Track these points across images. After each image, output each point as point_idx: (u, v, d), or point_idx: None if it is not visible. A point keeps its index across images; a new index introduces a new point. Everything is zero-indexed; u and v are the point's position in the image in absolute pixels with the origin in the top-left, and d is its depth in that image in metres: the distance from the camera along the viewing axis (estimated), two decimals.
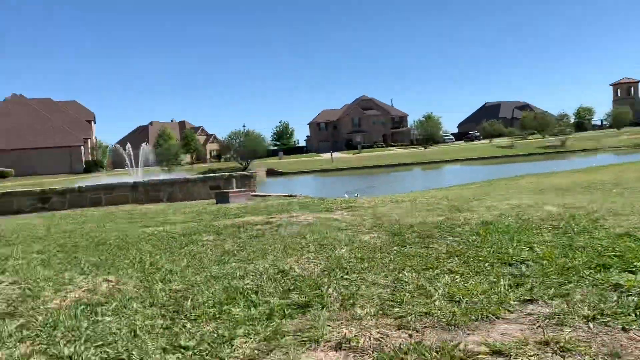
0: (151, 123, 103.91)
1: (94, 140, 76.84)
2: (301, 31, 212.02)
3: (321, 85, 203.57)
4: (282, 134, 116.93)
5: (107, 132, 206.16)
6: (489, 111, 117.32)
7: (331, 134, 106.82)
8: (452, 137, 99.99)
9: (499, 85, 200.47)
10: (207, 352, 2.43)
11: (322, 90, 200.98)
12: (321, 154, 79.72)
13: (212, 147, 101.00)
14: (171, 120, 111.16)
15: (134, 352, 2.47)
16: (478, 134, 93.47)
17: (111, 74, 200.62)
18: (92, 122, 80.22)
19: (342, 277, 3.67)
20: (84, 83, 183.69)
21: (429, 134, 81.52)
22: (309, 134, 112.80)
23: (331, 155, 65.45)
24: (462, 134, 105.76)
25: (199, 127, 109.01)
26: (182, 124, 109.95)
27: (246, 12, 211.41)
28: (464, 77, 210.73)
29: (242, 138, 57.88)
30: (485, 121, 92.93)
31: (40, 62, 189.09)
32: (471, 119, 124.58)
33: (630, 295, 2.80)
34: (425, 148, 77.49)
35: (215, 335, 2.63)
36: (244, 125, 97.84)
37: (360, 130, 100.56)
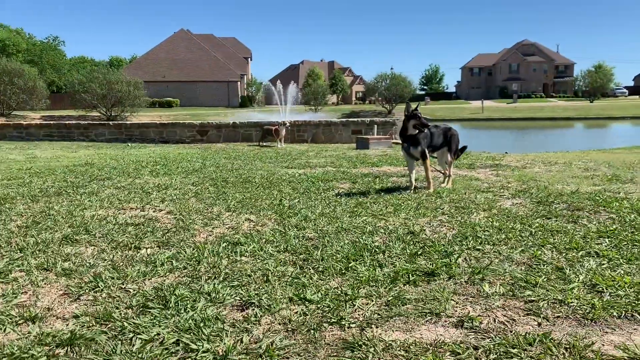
0: (302, 62, 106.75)
1: (250, 77, 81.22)
2: None
3: (478, 27, 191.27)
4: (431, 78, 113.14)
5: (262, 69, 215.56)
6: None
7: (485, 80, 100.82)
8: (625, 90, 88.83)
9: None
10: (329, 308, 2.51)
11: (479, 33, 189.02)
12: (471, 102, 75.97)
13: (358, 88, 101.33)
14: (321, 60, 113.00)
15: (263, 298, 2.64)
16: None
17: (268, 14, 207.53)
18: (249, 59, 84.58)
19: (474, 247, 3.52)
20: (243, 21, 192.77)
21: (597, 86, 73.24)
22: (459, 80, 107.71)
23: (482, 103, 62.02)
24: (638, 88, 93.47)
25: (347, 68, 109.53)
26: (331, 64, 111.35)
27: None
28: None
29: (388, 81, 56.98)
30: None
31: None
32: None
33: None
34: (591, 101, 69.97)
35: (339, 292, 2.71)
36: (392, 68, 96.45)
37: (517, 77, 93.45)
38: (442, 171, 6.61)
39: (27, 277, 3.05)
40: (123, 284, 2.93)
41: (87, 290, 2.83)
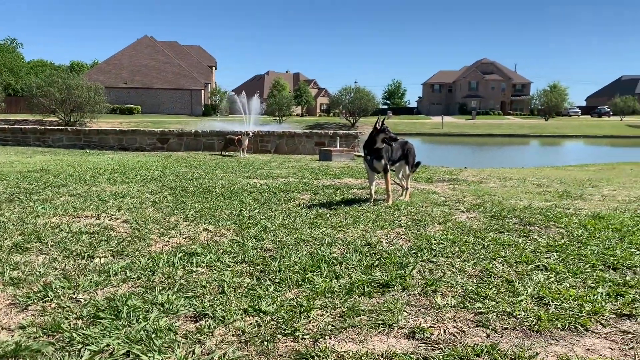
0: (267, 73, 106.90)
1: (214, 86, 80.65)
2: None
3: (440, 44, 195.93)
4: (394, 92, 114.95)
5: (227, 78, 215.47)
6: (624, 85, 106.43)
7: (445, 96, 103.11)
8: (577, 110, 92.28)
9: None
10: (283, 320, 2.51)
11: (440, 51, 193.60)
12: (431, 117, 77.52)
13: (322, 100, 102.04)
14: (286, 72, 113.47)
15: (217, 309, 2.63)
16: (608, 109, 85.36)
17: (234, 23, 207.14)
18: (214, 68, 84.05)
19: (429, 259, 3.60)
20: (209, 30, 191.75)
21: (552, 105, 75.89)
22: (421, 95, 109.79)
23: (442, 119, 63.36)
24: (590, 108, 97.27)
25: (312, 80, 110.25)
26: (296, 75, 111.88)
27: None
28: (600, 46, 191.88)
29: (352, 94, 57.64)
30: (619, 96, 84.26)
31: (170, 6, 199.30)
32: (602, 92, 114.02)
33: None
34: (546, 119, 72.46)
35: (295, 304, 2.72)
36: (356, 82, 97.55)
37: (477, 95, 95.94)
38: (401, 184, 6.73)
39: None
40: (74, 294, 2.86)
41: (35, 300, 2.76)
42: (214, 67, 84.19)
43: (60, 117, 36.29)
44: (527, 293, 2.90)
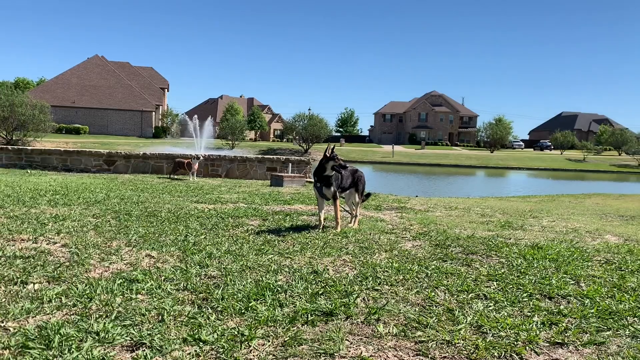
0: (221, 97, 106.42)
1: (166, 108, 79.53)
2: (374, 21, 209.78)
3: (391, 76, 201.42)
4: (347, 121, 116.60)
5: (180, 101, 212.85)
6: (564, 121, 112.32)
7: (396, 126, 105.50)
8: (521, 143, 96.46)
9: (578, 95, 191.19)
10: (223, 349, 2.47)
11: (392, 82, 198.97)
12: (383, 146, 79.01)
13: (276, 126, 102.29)
14: (240, 96, 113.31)
15: (156, 338, 2.55)
16: (549, 143, 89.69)
17: (189, 46, 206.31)
18: (166, 90, 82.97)
19: (373, 287, 3.63)
20: (162, 51, 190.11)
21: (497, 138, 78.99)
22: (373, 124, 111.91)
23: (392, 148, 64.71)
24: (533, 142, 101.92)
25: (266, 105, 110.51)
26: (250, 100, 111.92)
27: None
28: (543, 84, 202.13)
29: (305, 121, 58.17)
30: (559, 131, 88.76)
31: (121, 24, 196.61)
32: (544, 127, 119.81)
33: None
34: (491, 151, 75.21)
35: (236, 333, 2.67)
36: (309, 109, 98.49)
37: (426, 125, 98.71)
38: (350, 211, 6.79)
39: None
40: (2, 322, 2.72)
41: None
42: (166, 89, 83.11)
43: (2, 135, 34.86)
44: (466, 322, 2.97)
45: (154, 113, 68.37)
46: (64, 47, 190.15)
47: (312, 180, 6.84)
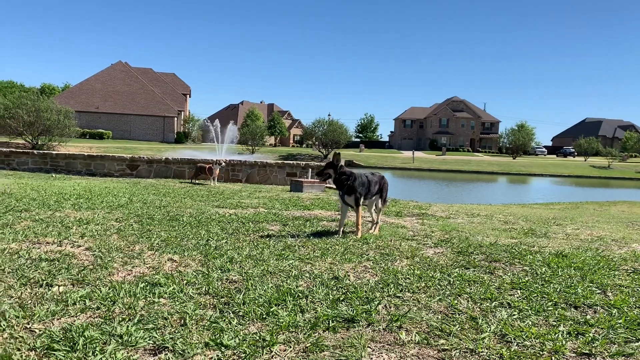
0: (242, 102, 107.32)
1: (187, 113, 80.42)
2: (396, 25, 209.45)
3: (412, 82, 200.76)
4: (366, 126, 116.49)
5: (202, 107, 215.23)
6: (588, 127, 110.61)
7: (416, 132, 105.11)
8: (544, 149, 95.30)
9: (603, 101, 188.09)
10: (245, 354, 2.47)
11: (413, 88, 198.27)
12: (402, 152, 78.69)
13: (296, 132, 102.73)
14: (261, 102, 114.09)
15: (178, 343, 2.56)
16: (573, 149, 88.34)
17: (210, 53, 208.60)
18: (188, 96, 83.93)
19: (395, 294, 3.60)
20: (185, 58, 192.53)
21: (519, 144, 78.05)
22: (393, 130, 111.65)
23: (413, 154, 64.38)
24: (556, 148, 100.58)
25: (286, 111, 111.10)
26: (270, 106, 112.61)
27: (339, 6, 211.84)
28: (566, 89, 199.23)
29: (325, 127, 58.26)
30: (583, 137, 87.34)
31: (145, 31, 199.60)
32: (567, 133, 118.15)
33: None
34: (514, 158, 74.37)
35: (257, 338, 2.67)
36: (329, 115, 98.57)
37: (447, 131, 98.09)
38: (372, 217, 6.76)
39: None
40: (28, 324, 2.76)
41: None
42: (188, 95, 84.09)
43: (28, 140, 35.60)
44: (490, 330, 2.92)
45: (176, 118, 69.17)
46: (89, 53, 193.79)
47: (333, 185, 6.86)
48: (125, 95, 68.72)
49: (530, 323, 3.08)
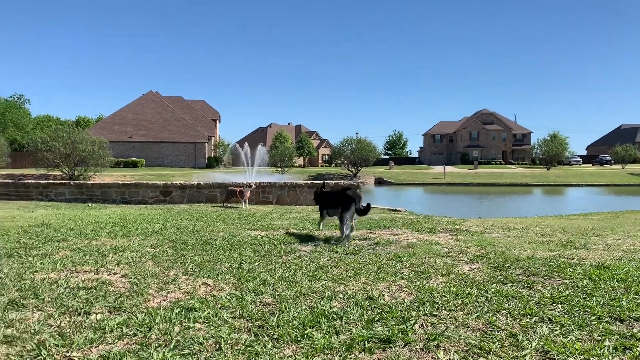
0: (270, 125, 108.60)
1: (217, 138, 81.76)
2: (420, 40, 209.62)
3: (439, 96, 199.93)
4: (395, 143, 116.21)
5: (231, 131, 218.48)
6: (624, 134, 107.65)
7: (446, 146, 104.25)
8: (579, 159, 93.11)
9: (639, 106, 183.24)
10: None
11: (440, 102, 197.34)
12: (433, 167, 78.00)
13: (324, 151, 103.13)
14: (288, 123, 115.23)
15: None
16: (609, 157, 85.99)
17: (238, 78, 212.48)
18: (217, 121, 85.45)
19: (431, 312, 3.53)
20: (213, 85, 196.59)
21: (553, 154, 76.48)
22: (422, 146, 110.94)
23: (444, 169, 63.74)
24: (591, 157, 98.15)
25: (314, 131, 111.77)
26: (298, 127, 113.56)
27: (364, 23, 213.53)
28: (600, 96, 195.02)
29: (353, 145, 58.30)
30: (619, 145, 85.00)
31: (174, 61, 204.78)
32: (603, 141, 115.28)
33: None
34: (548, 168, 72.85)
35: None
36: (357, 133, 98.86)
37: (477, 144, 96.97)
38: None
39: None
40: (68, 352, 2.80)
41: (28, 359, 2.69)
42: (217, 121, 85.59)
43: (64, 171, 36.65)
44: (531, 347, 2.83)
45: (206, 144, 70.36)
46: (121, 85, 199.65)
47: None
48: (157, 123, 70.37)
49: (573, 338, 2.98)
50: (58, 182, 18.42)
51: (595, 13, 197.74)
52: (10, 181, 18.29)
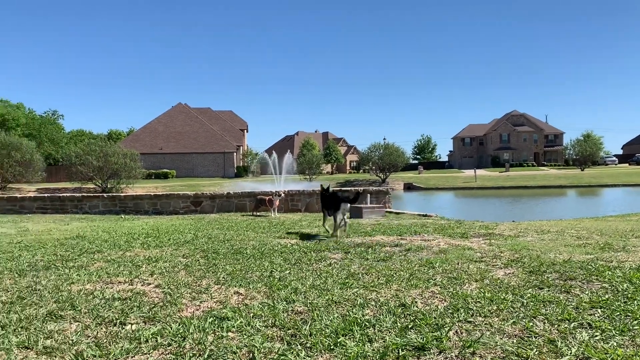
0: (297, 133, 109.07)
1: (246, 147, 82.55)
2: (446, 43, 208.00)
3: (467, 98, 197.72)
4: (424, 147, 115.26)
5: (258, 140, 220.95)
6: None
7: (476, 149, 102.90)
8: (614, 158, 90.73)
9: None
10: None
11: (469, 105, 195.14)
12: (464, 171, 77.01)
13: (352, 158, 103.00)
14: (315, 131, 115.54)
15: None
16: None
17: (264, 88, 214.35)
18: (245, 131, 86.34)
19: (465, 319, 3.46)
20: (240, 95, 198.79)
21: (587, 154, 74.68)
22: (452, 149, 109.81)
23: (474, 172, 62.85)
24: (627, 156, 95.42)
25: (341, 138, 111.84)
26: (325, 134, 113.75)
27: (390, 28, 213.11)
28: (635, 93, 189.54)
29: (381, 151, 58.03)
30: None
31: (204, 75, 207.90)
32: (639, 139, 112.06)
33: None
34: (582, 169, 71.17)
35: None
36: (385, 139, 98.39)
37: (508, 147, 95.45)
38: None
39: (7, 357, 2.96)
40: None
41: None
42: (245, 130, 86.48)
43: (98, 184, 37.49)
44: (571, 353, 2.75)
45: (235, 154, 71.11)
46: (151, 97, 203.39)
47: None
48: (186, 135, 71.48)
49: (615, 344, 2.88)
50: (92, 194, 18.86)
51: (630, 8, 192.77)
52: (46, 195, 18.81)
